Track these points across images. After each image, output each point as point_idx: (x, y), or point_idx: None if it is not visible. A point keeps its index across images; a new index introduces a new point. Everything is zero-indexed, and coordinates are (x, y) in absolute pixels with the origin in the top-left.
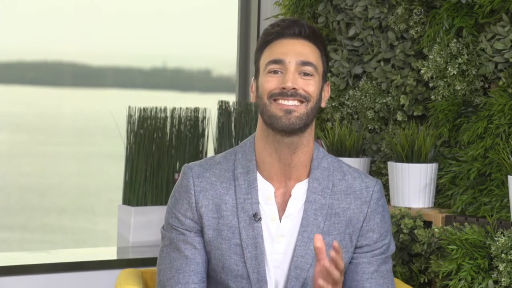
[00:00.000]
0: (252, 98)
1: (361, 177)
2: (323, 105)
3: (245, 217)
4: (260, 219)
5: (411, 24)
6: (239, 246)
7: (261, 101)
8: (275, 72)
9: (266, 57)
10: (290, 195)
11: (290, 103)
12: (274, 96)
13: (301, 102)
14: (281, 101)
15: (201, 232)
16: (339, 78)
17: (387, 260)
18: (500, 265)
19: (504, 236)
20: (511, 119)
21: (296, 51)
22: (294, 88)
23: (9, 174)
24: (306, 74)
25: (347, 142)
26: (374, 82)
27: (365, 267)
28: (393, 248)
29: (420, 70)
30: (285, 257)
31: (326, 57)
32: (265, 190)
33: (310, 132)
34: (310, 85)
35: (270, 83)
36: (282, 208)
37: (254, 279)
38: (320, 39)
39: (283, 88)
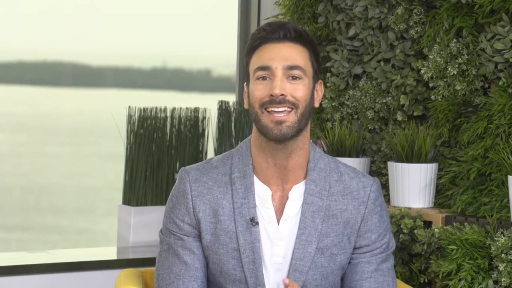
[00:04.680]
0: (245, 104)
1: (358, 177)
2: (316, 105)
3: (242, 221)
4: (257, 223)
5: (411, 24)
6: (236, 250)
7: (253, 110)
8: (263, 78)
9: (254, 63)
10: (287, 198)
11: (280, 110)
12: (265, 105)
13: (291, 109)
14: (272, 110)
15: (199, 237)
16: (339, 78)
17: (387, 258)
18: (500, 265)
19: (504, 236)
20: (511, 119)
21: (283, 56)
22: (282, 95)
23: (9, 174)
24: (294, 78)
25: (347, 142)
26: (374, 82)
27: (364, 266)
28: (393, 245)
29: (420, 70)
30: (285, 260)
31: (316, 57)
32: (262, 193)
33: (305, 134)
34: (298, 90)
35: (259, 91)
36: (279, 211)
37: (252, 284)
38: (308, 40)
39: (272, 95)
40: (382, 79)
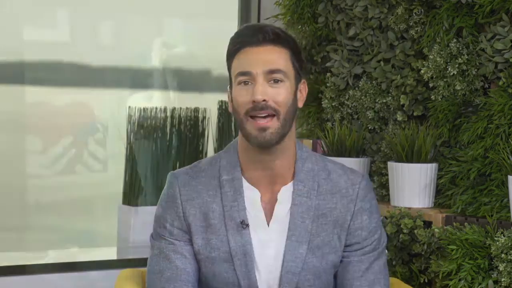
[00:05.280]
0: (229, 107)
1: (347, 174)
2: (300, 105)
3: (233, 224)
4: (247, 225)
5: (411, 24)
6: (228, 254)
7: (238, 116)
8: (245, 83)
9: (235, 68)
10: (276, 200)
11: (263, 115)
12: (249, 113)
13: (273, 115)
14: (255, 116)
15: (190, 241)
16: (339, 78)
17: (380, 255)
18: (500, 265)
19: (504, 236)
20: (511, 119)
21: (262, 60)
22: (264, 100)
23: (9, 174)
24: (276, 81)
25: (347, 142)
26: (374, 82)
27: (356, 265)
28: (384, 240)
29: (420, 70)
30: (276, 262)
31: (297, 57)
32: (252, 196)
33: (290, 135)
34: (280, 94)
35: (241, 97)
36: (269, 213)
37: (245, 286)
38: (287, 41)
39: (254, 102)
40: (382, 79)
